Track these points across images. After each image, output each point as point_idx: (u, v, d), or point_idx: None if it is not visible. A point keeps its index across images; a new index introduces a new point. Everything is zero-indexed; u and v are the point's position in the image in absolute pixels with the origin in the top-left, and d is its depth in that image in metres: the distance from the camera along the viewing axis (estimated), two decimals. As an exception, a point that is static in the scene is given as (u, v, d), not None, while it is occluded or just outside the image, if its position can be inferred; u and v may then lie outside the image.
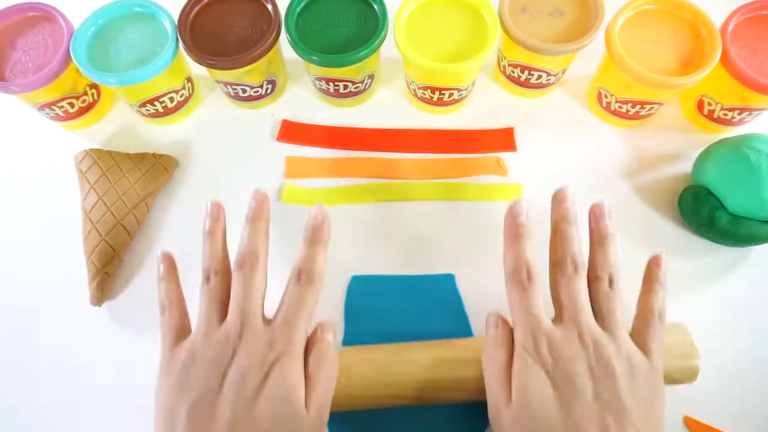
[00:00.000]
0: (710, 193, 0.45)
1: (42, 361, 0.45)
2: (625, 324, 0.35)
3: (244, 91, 0.51)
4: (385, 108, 0.54)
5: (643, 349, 0.34)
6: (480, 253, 0.48)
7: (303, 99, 0.55)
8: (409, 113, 0.54)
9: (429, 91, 0.50)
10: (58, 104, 0.50)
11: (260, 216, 0.37)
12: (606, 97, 0.50)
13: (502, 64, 0.52)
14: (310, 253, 0.36)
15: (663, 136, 0.52)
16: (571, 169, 0.51)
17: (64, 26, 0.48)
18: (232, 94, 0.52)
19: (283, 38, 0.49)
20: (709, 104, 0.50)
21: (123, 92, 0.49)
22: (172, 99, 0.51)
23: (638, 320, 0.35)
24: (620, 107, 0.50)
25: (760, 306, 0.45)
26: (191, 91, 0.53)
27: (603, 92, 0.50)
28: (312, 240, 0.36)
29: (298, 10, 0.48)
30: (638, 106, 0.49)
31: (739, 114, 0.49)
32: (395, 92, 0.55)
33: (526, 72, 0.50)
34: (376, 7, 0.48)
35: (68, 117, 0.52)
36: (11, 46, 0.49)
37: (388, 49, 0.48)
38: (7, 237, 0.50)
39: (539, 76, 0.50)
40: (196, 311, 0.46)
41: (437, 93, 0.50)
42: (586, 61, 0.51)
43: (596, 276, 0.35)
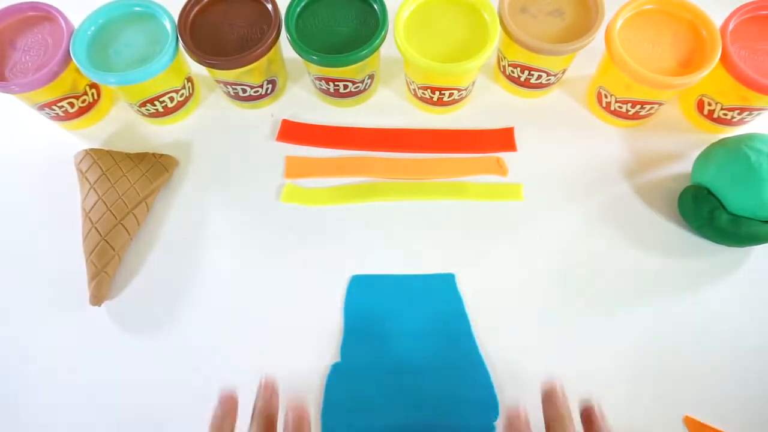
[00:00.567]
0: (710, 192, 0.45)
1: (42, 360, 0.45)
2: None
3: (244, 90, 0.51)
4: (385, 108, 0.54)
5: None
6: (480, 253, 0.48)
7: (303, 99, 0.55)
8: (409, 113, 0.54)
9: (429, 91, 0.50)
10: (58, 104, 0.50)
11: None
12: (606, 97, 0.50)
13: (502, 64, 0.52)
14: None
15: (663, 136, 0.52)
16: (571, 169, 0.51)
17: (63, 26, 0.48)
18: (232, 94, 0.52)
19: (283, 38, 0.49)
20: (709, 104, 0.50)
21: (123, 92, 0.49)
22: (172, 99, 0.51)
23: None
24: (620, 107, 0.50)
25: (761, 306, 0.45)
26: (191, 91, 0.53)
27: (603, 92, 0.50)
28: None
29: (298, 9, 0.48)
30: (638, 106, 0.49)
31: (739, 114, 0.49)
32: (395, 92, 0.55)
33: (526, 72, 0.50)
34: (376, 6, 0.48)
35: (68, 117, 0.52)
36: (11, 45, 0.49)
37: (388, 49, 0.48)
38: (6, 237, 0.50)
39: (539, 76, 0.50)
40: (195, 310, 0.47)
41: (437, 93, 0.50)
42: (586, 61, 0.51)
43: None
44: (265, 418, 0.34)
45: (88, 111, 0.53)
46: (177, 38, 0.48)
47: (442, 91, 0.49)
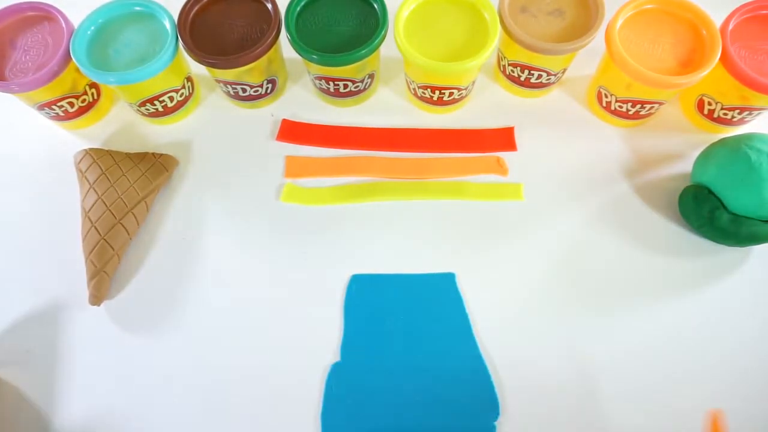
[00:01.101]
0: (710, 192, 0.45)
1: (41, 360, 0.45)
2: None
3: (244, 90, 0.51)
4: (385, 107, 0.54)
5: None
6: (480, 253, 0.48)
7: (303, 98, 0.55)
8: (409, 113, 0.54)
9: (429, 90, 0.50)
10: (58, 104, 0.50)
11: None
12: (606, 96, 0.50)
13: (502, 63, 0.52)
14: None
15: (663, 136, 0.52)
16: (571, 169, 0.51)
17: (63, 25, 0.48)
18: (232, 93, 0.52)
19: (283, 37, 0.49)
20: (709, 104, 0.50)
21: (123, 91, 0.49)
22: (171, 98, 0.51)
23: None
24: (620, 107, 0.50)
25: (761, 306, 0.45)
26: (191, 91, 0.53)
27: (603, 92, 0.50)
28: None
29: (298, 9, 0.48)
30: (638, 106, 0.49)
31: (739, 113, 0.49)
32: (395, 92, 0.55)
33: (526, 71, 0.50)
34: (376, 6, 0.48)
35: (68, 116, 0.52)
36: (11, 45, 0.49)
37: (388, 48, 0.48)
38: (6, 236, 0.50)
39: (539, 76, 0.50)
40: (194, 309, 0.47)
41: (437, 92, 0.50)
42: (586, 61, 0.51)
43: None
44: None
45: (87, 111, 0.53)
46: (177, 38, 0.48)
47: (442, 91, 0.49)
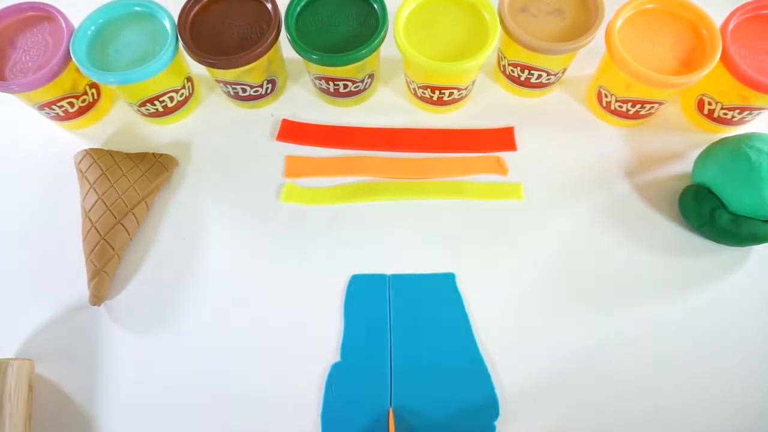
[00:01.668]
0: (711, 192, 0.45)
1: (41, 360, 0.45)
2: None
3: (244, 90, 0.51)
4: (385, 107, 0.54)
5: None
6: (480, 253, 0.48)
7: (303, 98, 0.55)
8: (409, 113, 0.54)
9: (429, 90, 0.50)
10: (58, 104, 0.50)
11: None
12: (606, 96, 0.50)
13: (502, 63, 0.52)
14: None
15: (663, 136, 0.52)
16: (571, 169, 0.51)
17: (63, 26, 0.48)
18: (232, 93, 0.52)
19: (283, 37, 0.49)
20: (709, 104, 0.50)
21: (123, 91, 0.49)
22: (171, 98, 0.51)
23: None
24: (620, 107, 0.50)
25: (761, 305, 0.45)
26: (191, 91, 0.53)
27: (603, 92, 0.50)
28: None
29: (298, 9, 0.48)
30: (638, 106, 0.49)
31: (739, 113, 0.49)
32: (395, 92, 0.55)
33: (526, 71, 0.50)
34: (376, 6, 0.48)
35: (68, 117, 0.52)
36: (11, 45, 0.49)
37: (388, 48, 0.48)
38: (6, 236, 0.50)
39: (539, 76, 0.50)
40: (194, 309, 0.47)
41: (437, 92, 0.50)
42: (586, 61, 0.51)
43: None
44: None
45: (88, 111, 0.53)
46: (177, 38, 0.48)
47: (442, 91, 0.49)
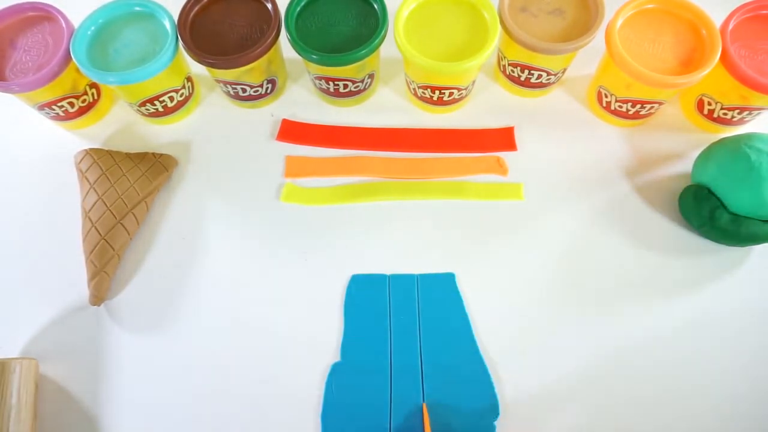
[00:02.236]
0: (711, 192, 0.45)
1: (41, 360, 0.45)
2: None
3: (244, 90, 0.51)
4: (385, 107, 0.54)
5: None
6: (480, 252, 0.48)
7: (303, 98, 0.55)
8: (409, 113, 0.54)
9: (429, 90, 0.50)
10: (58, 104, 0.50)
11: None
12: (606, 96, 0.50)
13: (502, 63, 0.52)
14: None
15: (663, 136, 0.52)
16: (571, 169, 0.51)
17: (64, 26, 0.48)
18: (232, 93, 0.52)
19: (283, 37, 0.49)
20: (709, 104, 0.50)
21: (123, 91, 0.49)
22: (171, 98, 0.51)
23: None
24: (620, 107, 0.50)
25: (761, 306, 0.45)
26: (191, 91, 0.53)
27: (603, 92, 0.50)
28: None
29: (298, 9, 0.48)
30: (638, 106, 0.49)
31: (739, 113, 0.49)
32: (395, 92, 0.55)
33: (526, 71, 0.50)
34: (376, 6, 0.48)
35: (68, 117, 0.52)
36: (11, 45, 0.49)
37: (388, 48, 0.48)
38: (6, 236, 0.50)
39: (539, 76, 0.50)
40: (194, 309, 0.47)
41: (437, 92, 0.50)
42: (586, 61, 0.51)
43: None
44: None
45: (88, 111, 0.53)
46: (177, 38, 0.48)
47: (442, 91, 0.49)
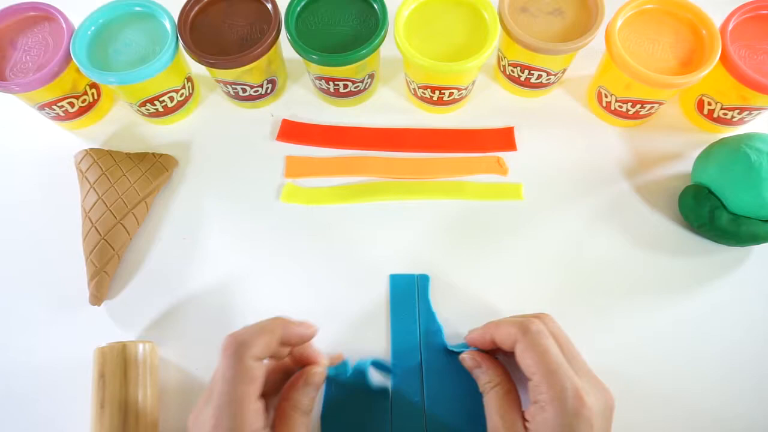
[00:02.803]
0: (710, 192, 0.45)
1: (41, 360, 0.45)
2: None
3: (244, 90, 0.51)
4: (385, 107, 0.54)
5: None
6: (480, 253, 0.48)
7: (303, 98, 0.55)
8: (409, 113, 0.54)
9: (429, 90, 0.50)
10: (58, 104, 0.50)
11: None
12: (606, 96, 0.50)
13: (502, 63, 0.52)
14: None
15: (663, 136, 0.52)
16: (570, 169, 0.51)
17: (64, 26, 0.48)
18: (232, 93, 0.52)
19: (283, 37, 0.49)
20: (709, 104, 0.50)
21: (123, 91, 0.49)
22: (172, 98, 0.51)
23: None
24: (620, 107, 0.50)
25: (761, 306, 0.45)
26: (191, 91, 0.53)
27: (603, 92, 0.50)
28: None
29: (298, 9, 0.48)
30: (638, 106, 0.49)
31: (738, 113, 0.49)
32: (395, 92, 0.55)
33: (526, 71, 0.50)
34: (376, 6, 0.48)
35: (68, 117, 0.52)
36: (11, 45, 0.49)
37: (388, 48, 0.48)
38: (6, 236, 0.50)
39: (539, 76, 0.50)
40: (194, 309, 0.47)
41: (437, 92, 0.50)
42: (586, 61, 0.51)
43: None
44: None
45: (88, 111, 0.53)
46: (177, 38, 0.48)
47: (442, 91, 0.49)
